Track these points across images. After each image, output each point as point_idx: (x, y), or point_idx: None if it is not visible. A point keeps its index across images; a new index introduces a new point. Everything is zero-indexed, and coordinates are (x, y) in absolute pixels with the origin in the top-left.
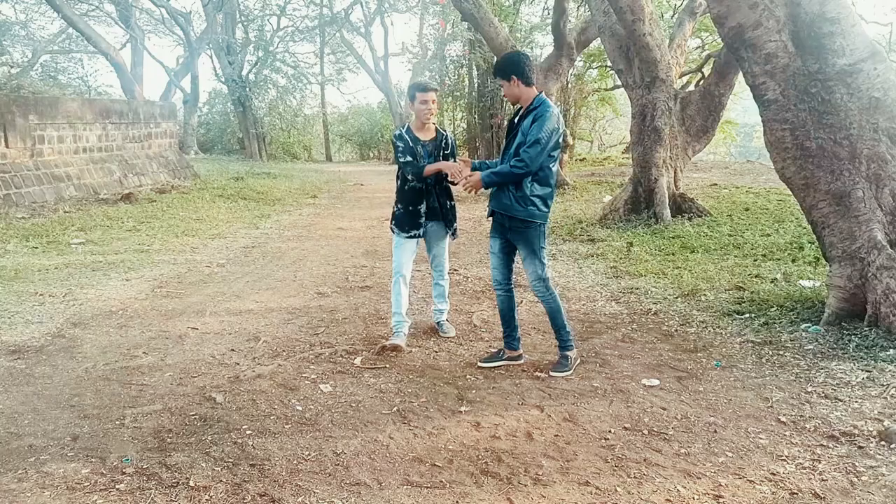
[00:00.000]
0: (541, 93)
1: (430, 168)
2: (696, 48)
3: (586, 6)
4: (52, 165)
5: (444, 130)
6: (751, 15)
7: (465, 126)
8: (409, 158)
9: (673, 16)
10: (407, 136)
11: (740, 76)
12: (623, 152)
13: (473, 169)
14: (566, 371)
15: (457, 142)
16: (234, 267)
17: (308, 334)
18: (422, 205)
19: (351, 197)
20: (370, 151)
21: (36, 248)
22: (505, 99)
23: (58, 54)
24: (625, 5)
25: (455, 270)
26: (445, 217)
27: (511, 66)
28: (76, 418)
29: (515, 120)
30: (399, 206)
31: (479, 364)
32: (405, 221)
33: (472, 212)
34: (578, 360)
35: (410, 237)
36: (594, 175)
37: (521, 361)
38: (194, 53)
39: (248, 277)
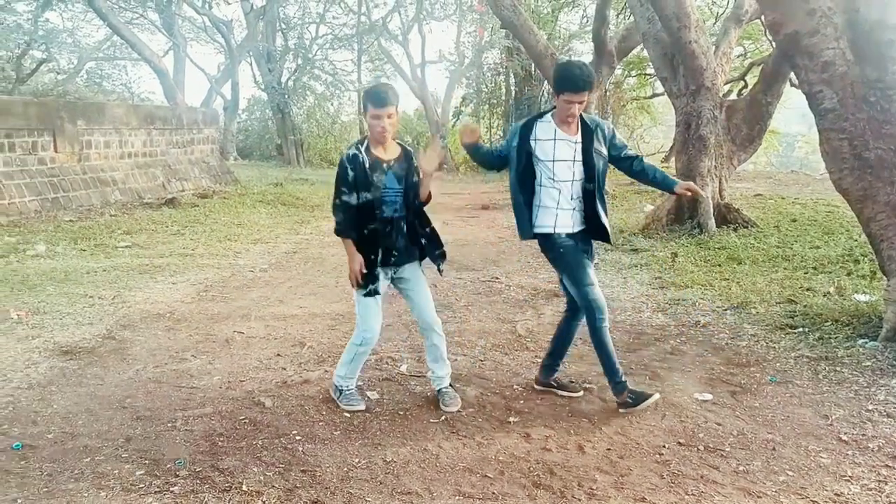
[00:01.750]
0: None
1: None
2: (738, 56)
3: (627, 14)
4: (98, 170)
5: (409, 147)
6: (808, 22)
7: (502, 134)
8: (348, 199)
9: (714, 23)
10: (362, 158)
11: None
12: (662, 161)
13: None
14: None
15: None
16: (277, 272)
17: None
18: (377, 253)
19: None
20: None
21: (84, 250)
22: (541, 107)
23: (102, 61)
24: (671, 12)
25: (496, 279)
26: (422, 253)
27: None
28: (129, 420)
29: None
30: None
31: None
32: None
33: (510, 219)
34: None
35: (368, 294)
36: (633, 184)
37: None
38: (235, 61)
39: (291, 283)
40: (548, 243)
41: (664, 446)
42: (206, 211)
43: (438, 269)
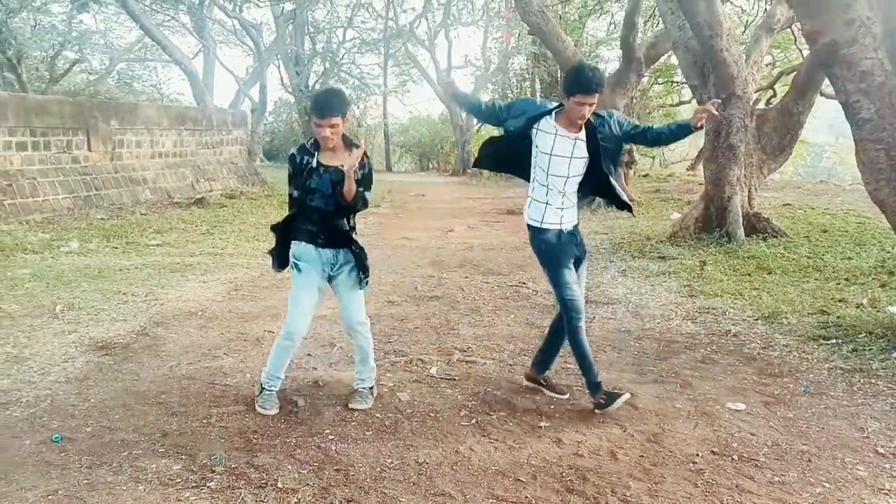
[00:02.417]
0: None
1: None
2: (767, 65)
3: (655, 21)
4: (129, 169)
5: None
6: (846, 31)
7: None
8: (291, 192)
9: (743, 32)
10: (300, 158)
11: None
12: (688, 169)
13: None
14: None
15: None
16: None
17: (381, 342)
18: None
19: (413, 207)
20: (429, 162)
21: (116, 248)
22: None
23: (133, 62)
24: (702, 21)
25: (523, 284)
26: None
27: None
28: (164, 415)
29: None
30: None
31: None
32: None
33: None
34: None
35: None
36: (659, 192)
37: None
38: (263, 64)
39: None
40: (534, 236)
41: (698, 455)
42: (235, 211)
43: (359, 284)
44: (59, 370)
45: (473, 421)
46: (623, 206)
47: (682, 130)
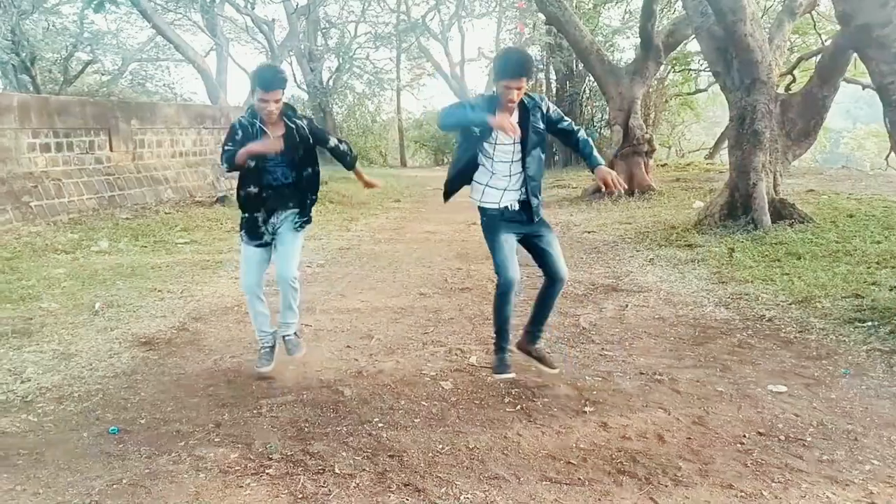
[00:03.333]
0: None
1: (243, 152)
2: (787, 50)
3: (672, 8)
4: (151, 168)
5: (297, 120)
6: (880, 13)
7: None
8: (230, 148)
9: (762, 16)
10: (251, 126)
11: None
12: (706, 157)
13: None
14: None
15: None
16: (334, 267)
17: (418, 333)
18: (260, 211)
19: (433, 201)
20: (444, 157)
21: (145, 247)
22: (583, 104)
23: (146, 62)
24: (725, 6)
25: None
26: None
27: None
28: (215, 406)
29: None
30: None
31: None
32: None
33: (557, 216)
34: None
35: (258, 245)
36: (679, 181)
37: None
38: (277, 60)
39: (349, 278)
40: (481, 213)
41: (744, 436)
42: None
43: (295, 229)
44: (107, 365)
45: (518, 407)
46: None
47: (588, 161)
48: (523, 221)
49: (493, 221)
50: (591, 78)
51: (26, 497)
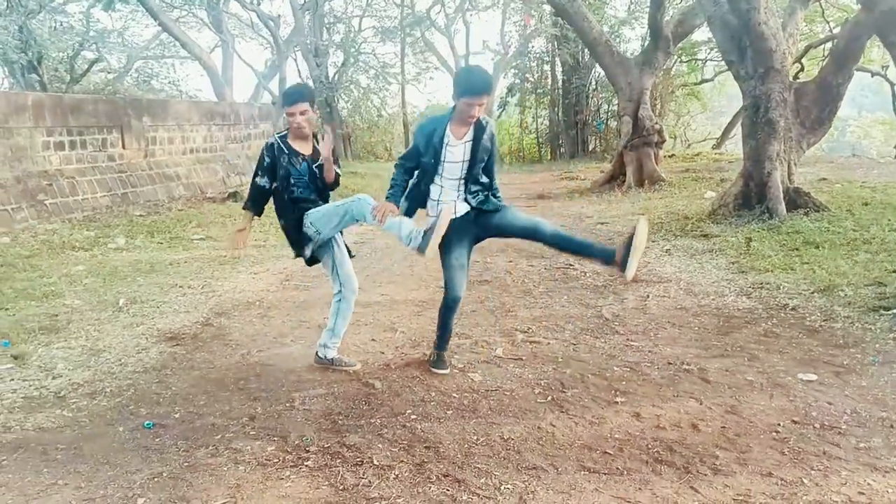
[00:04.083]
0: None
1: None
2: (789, 37)
3: None
4: (163, 165)
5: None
6: None
7: (548, 123)
8: (259, 181)
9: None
10: (280, 146)
11: None
12: (713, 147)
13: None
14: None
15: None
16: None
17: None
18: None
19: None
20: None
21: (161, 243)
22: (589, 96)
23: (151, 60)
24: None
25: (571, 266)
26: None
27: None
28: (247, 400)
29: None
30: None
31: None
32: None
33: (568, 208)
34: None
35: (308, 262)
36: (689, 171)
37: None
38: (283, 56)
39: (367, 272)
40: None
41: (779, 424)
42: (269, 204)
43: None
44: (136, 361)
45: (549, 398)
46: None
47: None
48: (478, 222)
49: (446, 236)
50: (598, 69)
51: (69, 491)
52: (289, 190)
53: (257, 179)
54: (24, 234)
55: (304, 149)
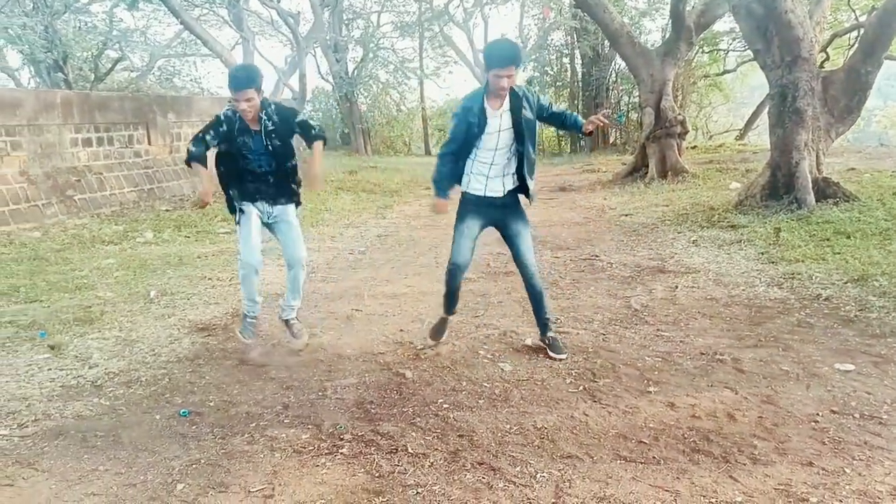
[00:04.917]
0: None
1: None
2: (816, 25)
3: None
4: None
5: (270, 115)
6: None
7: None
8: (207, 138)
9: None
10: (235, 120)
11: None
12: (737, 138)
13: None
14: None
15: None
16: (376, 254)
17: (469, 316)
18: (241, 191)
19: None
20: None
21: (188, 237)
22: (609, 88)
23: (173, 58)
24: None
25: (596, 257)
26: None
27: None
28: (280, 389)
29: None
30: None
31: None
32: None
33: (591, 200)
34: None
35: (237, 221)
36: (712, 162)
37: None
38: (302, 52)
39: (392, 264)
40: (461, 198)
41: (818, 414)
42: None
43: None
44: (169, 351)
45: (581, 388)
46: (524, 189)
47: (575, 128)
48: (502, 207)
49: (466, 207)
50: (618, 62)
51: (109, 477)
52: (245, 160)
53: (205, 136)
54: (54, 229)
55: (253, 125)
